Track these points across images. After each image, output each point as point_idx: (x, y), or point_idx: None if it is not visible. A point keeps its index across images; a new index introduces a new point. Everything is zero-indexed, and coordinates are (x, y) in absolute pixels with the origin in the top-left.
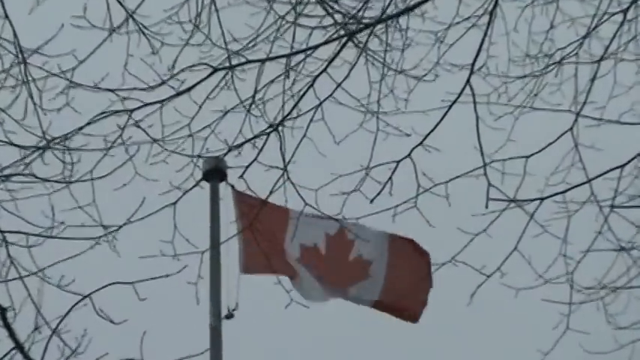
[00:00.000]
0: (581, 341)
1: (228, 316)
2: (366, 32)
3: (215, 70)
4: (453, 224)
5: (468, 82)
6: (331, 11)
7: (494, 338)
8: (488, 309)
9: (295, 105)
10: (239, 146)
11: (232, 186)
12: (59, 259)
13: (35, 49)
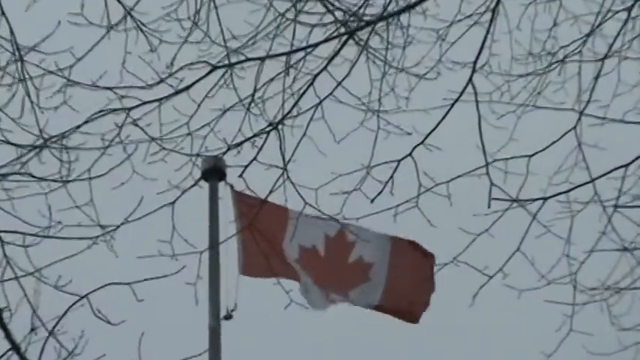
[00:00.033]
0: (584, 342)
1: (227, 317)
2: (367, 30)
3: (214, 68)
4: (455, 224)
5: (470, 80)
6: (332, 8)
7: (496, 340)
8: (490, 310)
9: (295, 103)
10: (238, 145)
11: (231, 185)
12: (56, 259)
13: (32, 47)
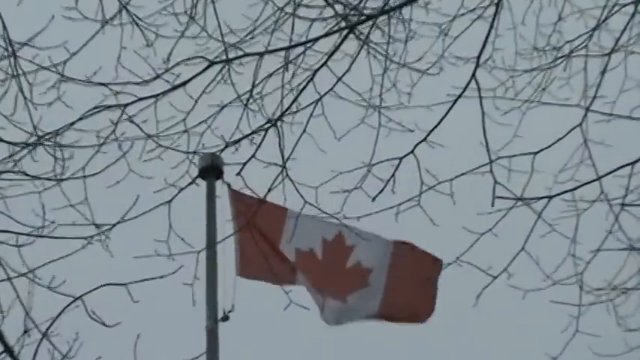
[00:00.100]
0: (590, 344)
1: (224, 319)
2: (368, 24)
3: (211, 63)
4: (458, 223)
5: (473, 75)
6: (332, 2)
7: (500, 341)
8: (494, 311)
9: (294, 99)
10: (236, 142)
11: (228, 184)
12: (50, 260)
13: (25, 42)
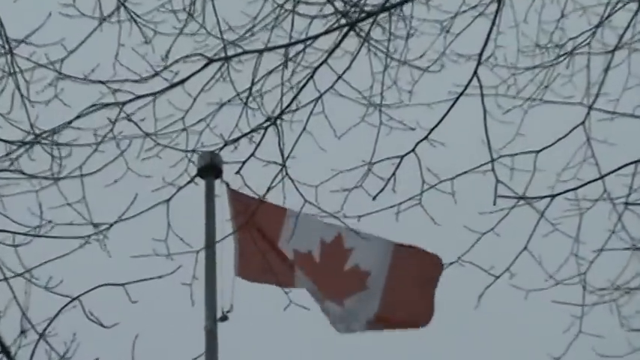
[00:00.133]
0: (593, 344)
1: (223, 319)
2: (369, 21)
3: (210, 60)
4: (460, 222)
5: (475, 73)
6: None
7: (502, 342)
8: (496, 311)
9: (294, 97)
10: (235, 141)
11: (227, 184)
12: (47, 259)
13: (22, 39)
